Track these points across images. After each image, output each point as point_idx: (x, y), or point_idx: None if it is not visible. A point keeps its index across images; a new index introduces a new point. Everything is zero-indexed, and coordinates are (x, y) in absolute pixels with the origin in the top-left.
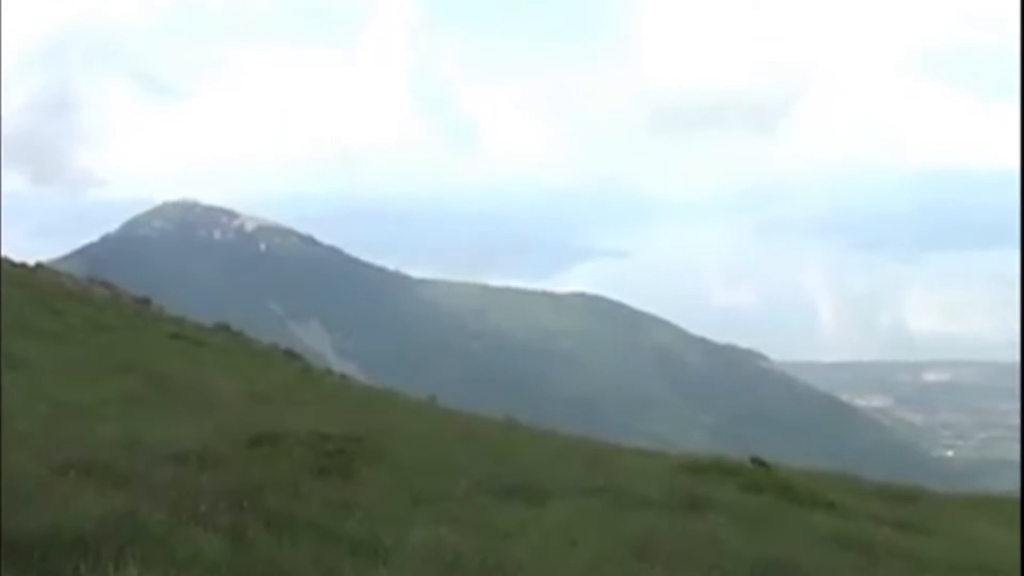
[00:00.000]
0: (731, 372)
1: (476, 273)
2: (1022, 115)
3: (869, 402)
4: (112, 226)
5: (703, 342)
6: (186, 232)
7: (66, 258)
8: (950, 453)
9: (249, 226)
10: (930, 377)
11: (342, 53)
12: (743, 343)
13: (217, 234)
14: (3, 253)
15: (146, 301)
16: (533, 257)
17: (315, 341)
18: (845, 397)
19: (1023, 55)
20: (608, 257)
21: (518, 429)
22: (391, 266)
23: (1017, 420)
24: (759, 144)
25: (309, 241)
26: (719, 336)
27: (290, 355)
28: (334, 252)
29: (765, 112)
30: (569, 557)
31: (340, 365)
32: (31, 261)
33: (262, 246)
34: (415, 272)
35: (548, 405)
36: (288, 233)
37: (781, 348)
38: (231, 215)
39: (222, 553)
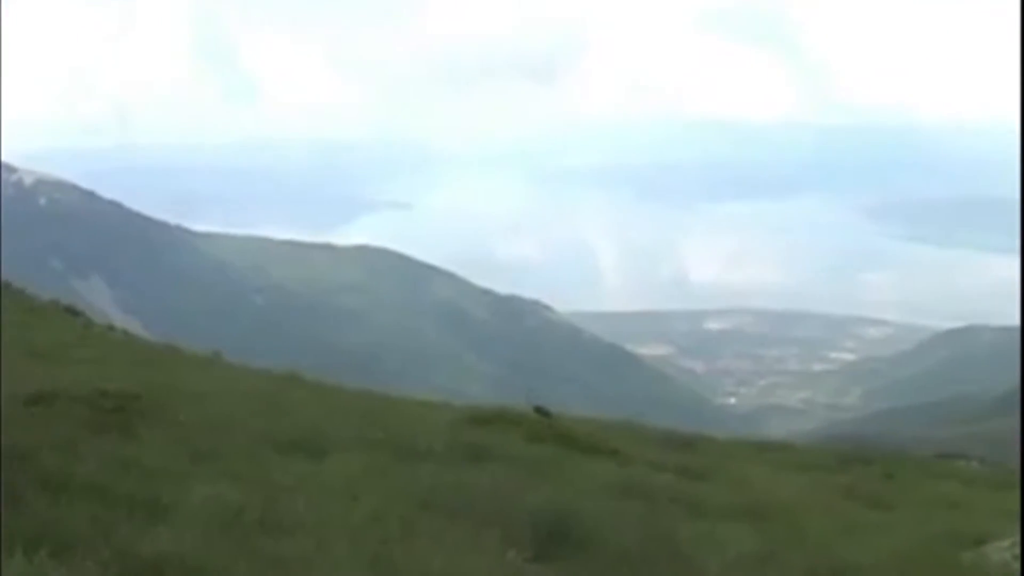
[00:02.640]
0: (516, 323)
1: (258, 226)
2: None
3: (652, 351)
4: None
5: (487, 294)
6: None
7: None
8: (732, 400)
9: (28, 180)
10: (711, 326)
11: (121, 5)
12: (527, 294)
13: None
14: None
15: None
16: (315, 210)
17: (97, 297)
18: (629, 346)
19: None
20: (391, 209)
21: (301, 384)
22: (173, 220)
23: (794, 366)
24: (540, 95)
25: (90, 196)
26: (503, 287)
27: (71, 312)
28: (115, 207)
29: (546, 64)
30: (350, 510)
31: (122, 321)
32: None
33: (42, 201)
34: (197, 226)
35: (332, 359)
36: (69, 188)
37: (565, 298)
38: (9, 169)
39: None
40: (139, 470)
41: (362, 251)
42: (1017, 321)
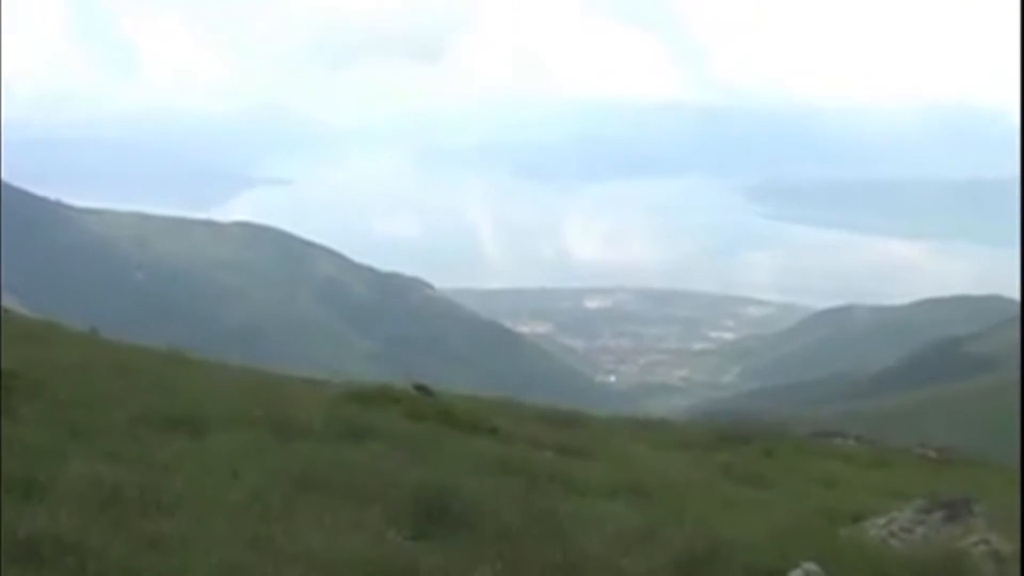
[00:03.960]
0: (397, 300)
1: (138, 202)
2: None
3: (532, 328)
4: None
5: (368, 270)
6: None
7: None
8: (612, 378)
9: None
10: (591, 304)
11: None
12: (408, 271)
13: None
14: None
15: None
16: (196, 186)
17: None
18: (509, 324)
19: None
20: (271, 186)
21: (181, 360)
22: (52, 195)
23: (674, 345)
24: (422, 73)
25: None
26: (384, 264)
27: None
28: None
29: (428, 41)
30: (229, 488)
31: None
32: None
33: None
34: (77, 201)
35: (214, 336)
36: None
37: (446, 276)
38: None
39: None
40: (17, 448)
41: (243, 227)
42: (893, 301)
